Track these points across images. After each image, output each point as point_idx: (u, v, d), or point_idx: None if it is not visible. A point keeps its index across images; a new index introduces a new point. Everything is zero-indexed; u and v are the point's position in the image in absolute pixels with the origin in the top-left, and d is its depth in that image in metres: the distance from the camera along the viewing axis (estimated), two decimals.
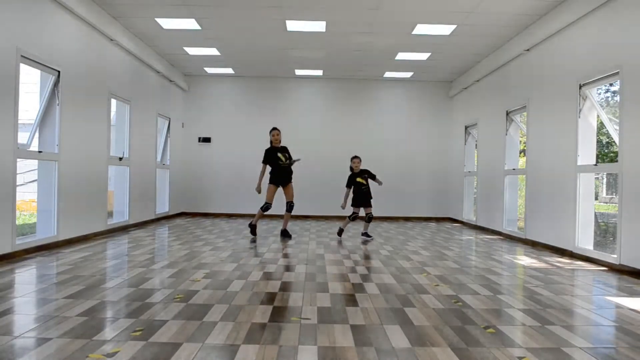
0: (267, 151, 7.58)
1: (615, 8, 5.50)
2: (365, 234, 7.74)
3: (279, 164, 7.52)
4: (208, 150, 11.88)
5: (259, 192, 7.54)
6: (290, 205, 7.62)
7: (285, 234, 7.76)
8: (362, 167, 7.84)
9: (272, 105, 11.88)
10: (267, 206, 7.50)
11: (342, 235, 7.92)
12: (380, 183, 7.82)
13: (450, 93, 11.76)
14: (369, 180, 7.71)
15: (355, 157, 7.79)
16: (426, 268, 5.22)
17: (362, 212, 7.75)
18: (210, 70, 11.18)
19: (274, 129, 7.70)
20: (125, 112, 8.54)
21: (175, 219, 10.77)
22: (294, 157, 7.73)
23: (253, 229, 7.69)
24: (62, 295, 3.73)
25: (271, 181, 7.58)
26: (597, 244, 6.48)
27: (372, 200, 7.70)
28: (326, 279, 4.56)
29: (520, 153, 9.50)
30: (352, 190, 7.67)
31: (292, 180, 7.68)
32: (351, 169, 7.74)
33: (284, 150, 7.67)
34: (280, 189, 7.68)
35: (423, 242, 7.48)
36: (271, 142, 7.63)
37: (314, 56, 9.75)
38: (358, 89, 11.88)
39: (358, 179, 7.65)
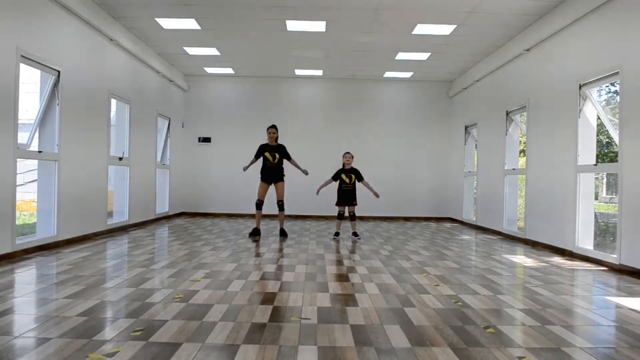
0: (260, 147, 7.79)
1: (614, 8, 5.50)
2: (354, 234, 7.67)
3: (265, 163, 7.68)
4: (208, 150, 11.87)
5: (244, 170, 7.78)
6: (279, 204, 7.73)
7: (282, 233, 7.83)
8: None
9: (272, 105, 11.87)
10: (257, 202, 7.72)
11: (341, 235, 7.92)
12: (369, 187, 7.67)
13: (450, 93, 11.76)
14: (358, 182, 7.65)
15: (347, 152, 7.80)
16: (426, 268, 5.22)
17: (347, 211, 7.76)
18: (210, 70, 11.19)
19: (271, 127, 7.80)
20: (125, 112, 8.54)
21: (175, 219, 10.77)
22: (302, 167, 7.88)
23: (255, 231, 7.75)
24: (62, 295, 3.73)
25: (261, 178, 7.74)
26: (597, 244, 6.48)
27: (357, 199, 7.68)
28: (326, 279, 4.56)
29: (520, 153, 9.49)
30: (338, 187, 7.70)
31: (285, 180, 7.80)
32: (343, 164, 7.76)
33: (277, 149, 7.71)
34: (272, 188, 7.78)
35: (423, 242, 7.48)
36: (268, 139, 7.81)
37: (314, 56, 9.75)
38: (358, 89, 11.88)
39: (343, 175, 7.65)
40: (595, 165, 6.00)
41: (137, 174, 8.85)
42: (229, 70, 11.20)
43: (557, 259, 6.03)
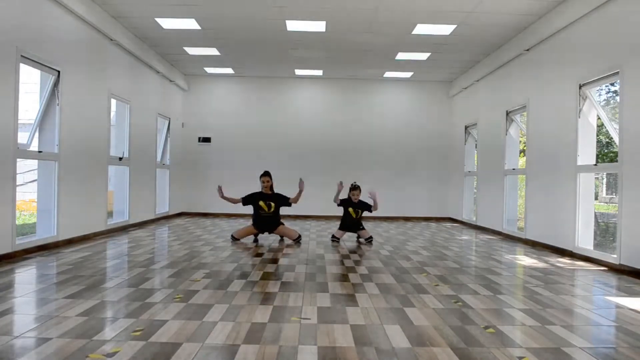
0: (250, 195, 7.14)
1: (614, 8, 5.50)
2: (367, 239, 7.41)
3: (259, 212, 7.06)
4: (208, 150, 11.88)
5: (220, 194, 7.05)
6: (296, 241, 7.10)
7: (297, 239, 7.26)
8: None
9: (272, 105, 11.88)
10: (233, 239, 7.07)
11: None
12: (372, 208, 7.45)
13: (450, 93, 11.76)
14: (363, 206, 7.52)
15: (356, 188, 7.46)
16: (426, 268, 5.22)
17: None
18: (210, 70, 11.18)
19: (264, 174, 7.15)
20: (125, 112, 8.54)
21: (175, 219, 10.76)
22: (300, 189, 7.11)
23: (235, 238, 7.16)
24: (62, 295, 3.73)
25: (253, 223, 7.16)
26: (597, 244, 6.47)
27: (362, 224, 7.53)
28: (326, 279, 4.56)
29: (520, 153, 9.49)
30: (343, 214, 7.54)
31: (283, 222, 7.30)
32: (350, 198, 7.49)
33: (273, 198, 7.08)
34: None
35: (423, 242, 7.48)
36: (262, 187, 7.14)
37: (314, 56, 9.75)
38: (358, 89, 11.88)
39: (350, 209, 7.44)
40: (595, 165, 6.00)
41: (137, 174, 8.85)
42: (229, 70, 11.20)
43: (557, 259, 6.03)
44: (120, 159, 8.21)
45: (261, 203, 7.10)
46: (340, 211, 7.76)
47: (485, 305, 3.69)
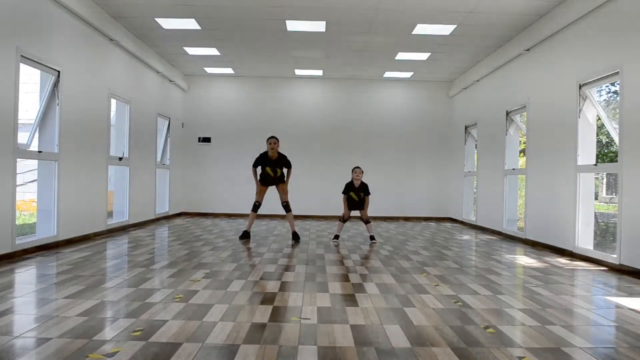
0: (260, 157, 7.40)
1: (614, 8, 5.50)
2: (371, 237, 7.40)
3: (266, 173, 7.37)
4: (208, 150, 11.88)
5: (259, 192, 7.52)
6: (284, 206, 7.48)
7: (294, 237, 7.44)
8: (362, 166, 7.80)
9: (272, 105, 11.88)
10: (255, 204, 7.47)
11: (341, 237, 7.88)
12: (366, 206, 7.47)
13: (450, 93, 11.76)
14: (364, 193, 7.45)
15: (357, 167, 7.48)
16: (426, 268, 5.22)
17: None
18: (210, 70, 11.18)
19: (272, 137, 7.37)
20: (125, 112, 8.54)
21: (175, 219, 10.76)
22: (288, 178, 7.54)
23: (245, 234, 7.41)
24: (62, 295, 3.73)
25: (260, 183, 7.47)
26: (597, 244, 6.47)
27: (367, 208, 7.47)
28: (326, 279, 4.56)
29: (520, 153, 9.49)
30: (346, 201, 7.47)
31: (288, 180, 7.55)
32: (352, 180, 7.44)
33: (278, 164, 7.36)
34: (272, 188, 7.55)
35: (423, 242, 7.48)
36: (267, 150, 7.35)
37: (314, 56, 9.75)
38: (358, 89, 11.88)
39: (352, 194, 7.36)
40: (595, 165, 6.00)
41: (137, 174, 8.85)
42: (229, 70, 11.20)
43: (557, 259, 6.03)
44: (120, 159, 8.20)
45: (268, 169, 7.39)
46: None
47: (485, 305, 3.69)
